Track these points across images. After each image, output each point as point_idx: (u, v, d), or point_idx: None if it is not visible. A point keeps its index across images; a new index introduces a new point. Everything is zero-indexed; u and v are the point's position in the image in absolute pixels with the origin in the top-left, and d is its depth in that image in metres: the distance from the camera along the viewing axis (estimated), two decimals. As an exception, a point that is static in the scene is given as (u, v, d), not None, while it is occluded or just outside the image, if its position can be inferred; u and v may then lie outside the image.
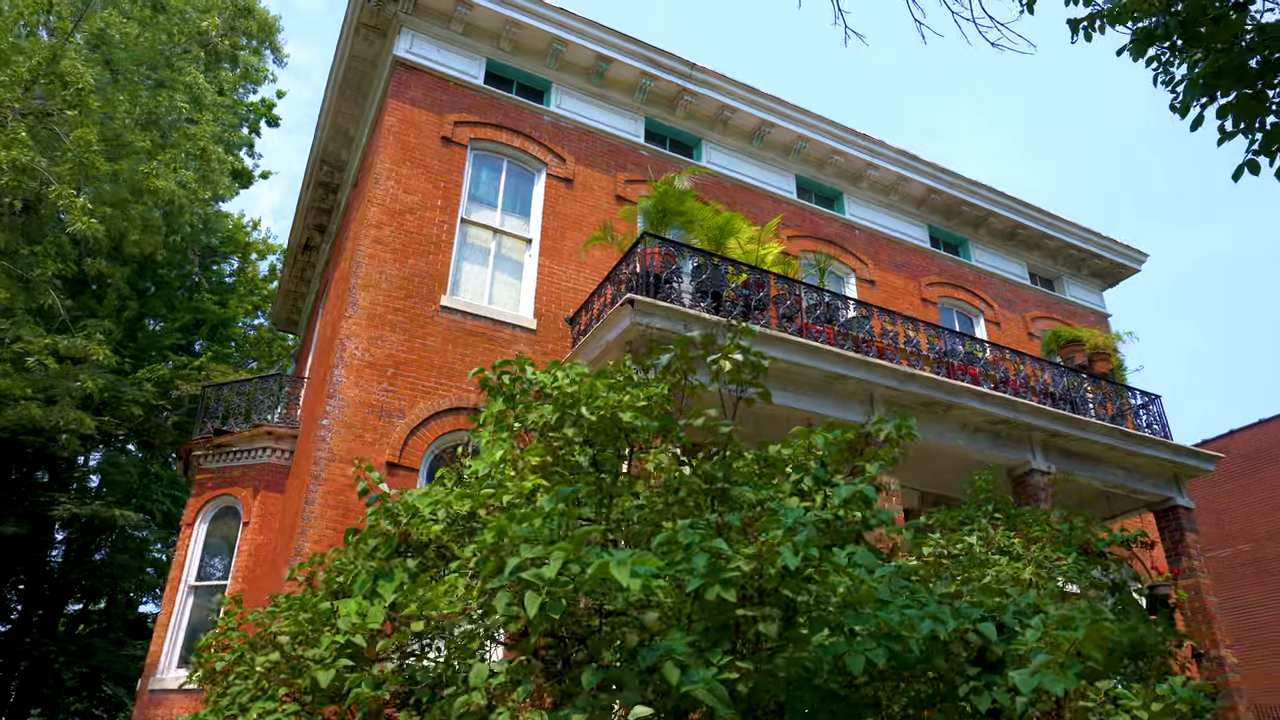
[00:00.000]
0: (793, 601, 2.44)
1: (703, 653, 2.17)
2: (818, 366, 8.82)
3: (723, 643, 2.29)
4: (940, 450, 9.99)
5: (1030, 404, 10.00)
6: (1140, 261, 16.27)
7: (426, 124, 10.63)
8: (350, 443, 8.61)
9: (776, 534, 2.43)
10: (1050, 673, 2.11)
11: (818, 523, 2.84)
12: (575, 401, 3.63)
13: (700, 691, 1.99)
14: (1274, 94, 3.57)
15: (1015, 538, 5.43)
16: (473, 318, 9.78)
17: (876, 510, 3.44)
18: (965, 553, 5.10)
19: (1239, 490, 20.13)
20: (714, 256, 9.18)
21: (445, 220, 10.19)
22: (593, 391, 3.71)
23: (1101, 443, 10.56)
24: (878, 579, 2.50)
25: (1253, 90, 3.48)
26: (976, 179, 14.69)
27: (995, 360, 10.81)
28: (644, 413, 3.74)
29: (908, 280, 13.79)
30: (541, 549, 2.19)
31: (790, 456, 4.09)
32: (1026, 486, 10.15)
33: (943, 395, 9.50)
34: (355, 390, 8.80)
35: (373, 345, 9.10)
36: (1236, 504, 20.27)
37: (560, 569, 2.14)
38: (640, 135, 12.35)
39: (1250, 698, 13.79)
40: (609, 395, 3.67)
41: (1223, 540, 19.97)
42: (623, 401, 3.67)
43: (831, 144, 13.42)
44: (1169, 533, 11.24)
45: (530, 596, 2.15)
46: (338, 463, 8.42)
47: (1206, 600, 10.63)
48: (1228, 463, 19.93)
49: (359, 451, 8.55)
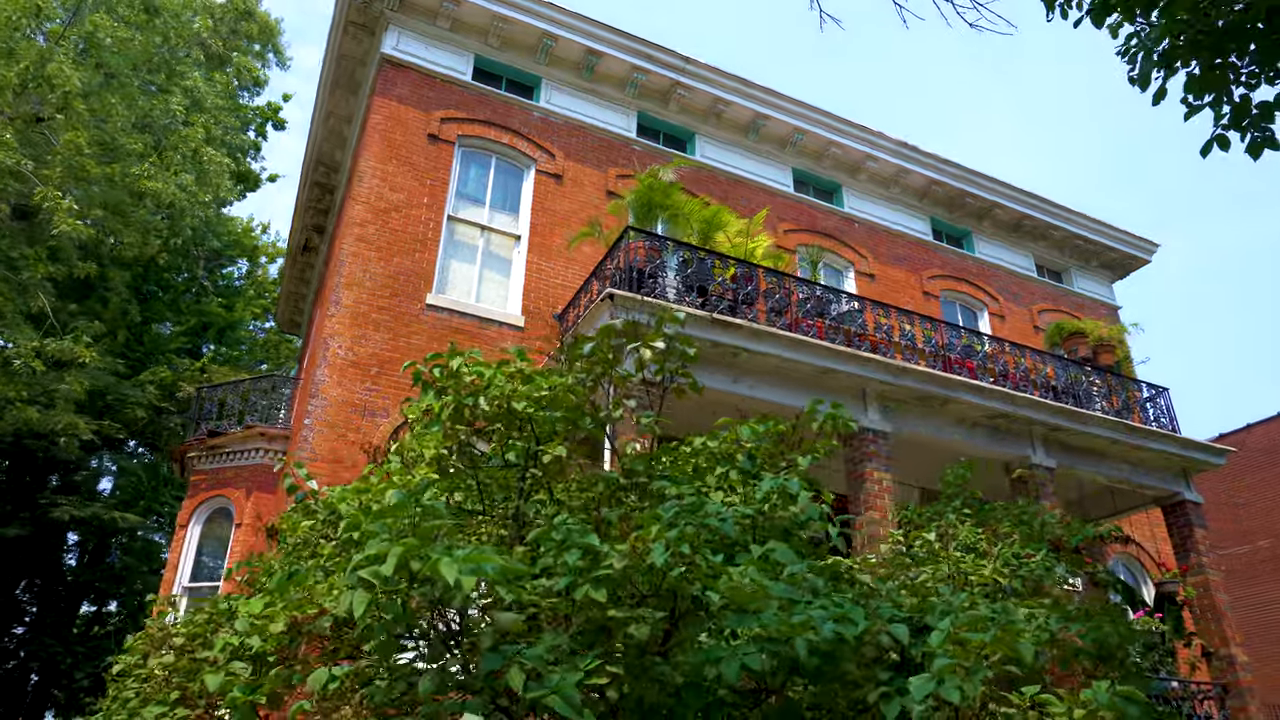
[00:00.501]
0: (680, 603, 2.31)
1: (575, 655, 2.04)
2: (806, 361, 8.63)
3: (597, 646, 2.14)
4: (938, 445, 9.77)
5: (1029, 397, 9.76)
6: (1151, 252, 15.92)
7: (413, 121, 10.55)
8: (333, 442, 8.54)
9: (651, 530, 2.29)
10: (956, 677, 1.95)
11: (740, 518, 2.69)
12: (475, 392, 3.51)
13: (553, 700, 1.85)
14: (1243, 64, 3.37)
15: (984, 533, 5.24)
16: (459, 315, 9.69)
17: (806, 507, 3.26)
18: (926, 550, 4.92)
19: (1258, 485, 19.66)
20: (699, 250, 9.02)
21: (432, 218, 10.11)
22: (492, 382, 3.59)
23: (1105, 437, 10.29)
24: (790, 577, 2.34)
25: (1217, 61, 3.27)
26: (980, 170, 14.42)
27: (994, 354, 10.58)
28: (550, 404, 3.60)
29: (909, 274, 13.56)
30: (385, 545, 2.07)
31: (717, 449, 3.92)
32: (1026, 482, 9.91)
33: (938, 389, 9.28)
34: (338, 390, 8.73)
35: (356, 344, 9.03)
36: (1256, 499, 19.80)
37: (398, 566, 2.01)
38: (632, 130, 12.21)
39: (1264, 697, 13.43)
40: (505, 385, 3.55)
41: (1241, 536, 19.51)
42: (518, 391, 3.54)
43: (828, 136, 13.22)
44: (1177, 529, 10.95)
45: (359, 596, 2.02)
46: (320, 462, 8.35)
47: (1216, 598, 10.32)
48: (1246, 457, 19.48)
49: (341, 451, 8.49)
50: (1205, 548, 10.70)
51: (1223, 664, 10.07)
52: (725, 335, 8.27)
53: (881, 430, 9.00)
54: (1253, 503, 19.89)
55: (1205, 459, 11.09)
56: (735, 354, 8.42)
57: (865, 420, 8.96)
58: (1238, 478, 19.35)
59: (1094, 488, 11.74)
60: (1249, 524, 19.62)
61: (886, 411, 9.21)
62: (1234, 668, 9.96)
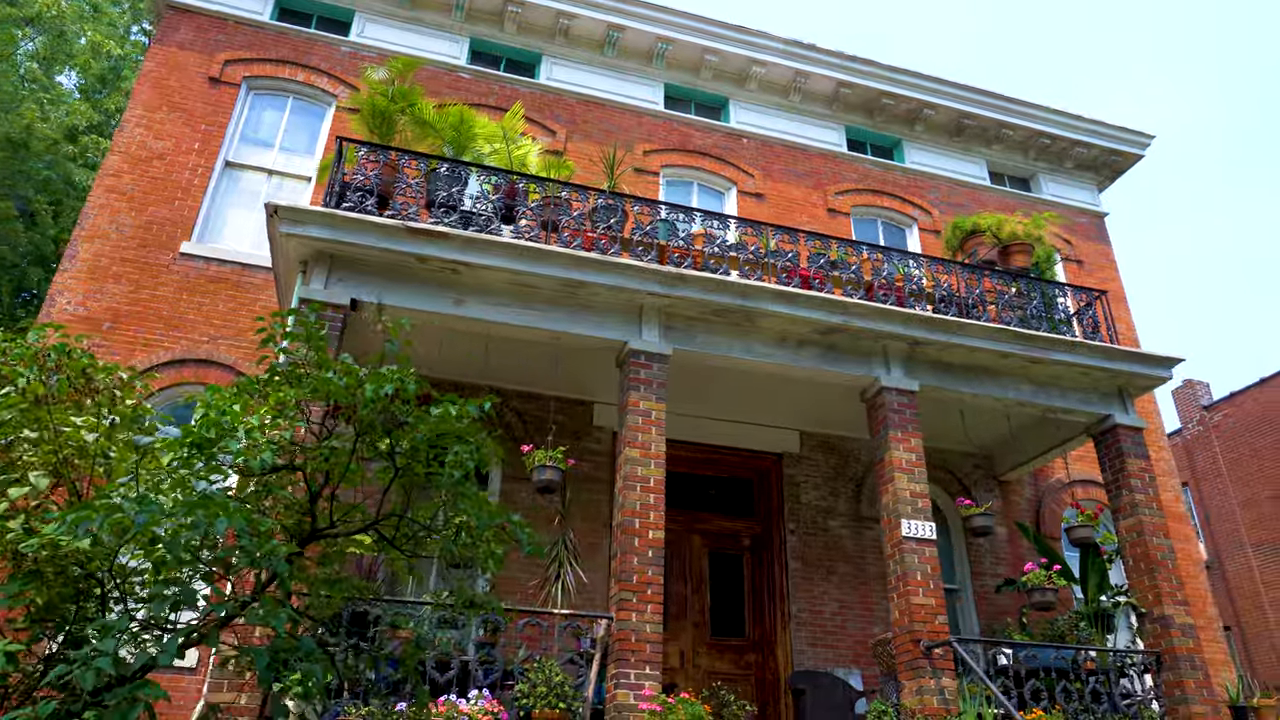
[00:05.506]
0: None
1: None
2: (545, 273, 7.26)
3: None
4: (759, 371, 8.16)
5: (868, 305, 7.96)
6: (1143, 145, 13.30)
7: (193, 65, 9.86)
8: (53, 404, 7.89)
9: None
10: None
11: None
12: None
13: None
14: None
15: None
16: (217, 263, 8.88)
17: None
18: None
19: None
20: (432, 159, 7.81)
21: (202, 164, 9.37)
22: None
23: (989, 349, 8.32)
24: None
25: None
26: (903, 66, 12.40)
27: (849, 259, 8.78)
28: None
29: (810, 190, 11.76)
30: None
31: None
32: (878, 409, 8.12)
33: (733, 299, 7.67)
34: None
35: (89, 299, 8.37)
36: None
37: None
38: (463, 58, 11.09)
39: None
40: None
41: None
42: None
43: (701, 42, 11.63)
44: (1109, 461, 8.77)
45: None
46: (31, 425, 7.71)
47: (1151, 544, 8.14)
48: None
49: (56, 412, 7.82)
50: (1143, 483, 8.50)
51: (1155, 628, 7.91)
52: (432, 247, 7.04)
53: (657, 353, 7.50)
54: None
55: (1144, 372, 8.85)
56: (454, 270, 7.18)
57: (637, 342, 7.49)
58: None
59: (1026, 419, 9.68)
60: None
61: (670, 331, 7.69)
62: (1169, 632, 7.79)
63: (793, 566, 9.23)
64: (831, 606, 9.13)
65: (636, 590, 6.53)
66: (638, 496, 6.88)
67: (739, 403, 9.36)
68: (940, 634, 7.04)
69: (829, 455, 9.95)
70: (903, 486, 7.67)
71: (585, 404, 9.26)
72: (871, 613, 9.22)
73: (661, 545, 6.75)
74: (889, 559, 7.58)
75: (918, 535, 7.45)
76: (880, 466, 7.91)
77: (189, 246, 8.88)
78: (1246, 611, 16.68)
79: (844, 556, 9.42)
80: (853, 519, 9.65)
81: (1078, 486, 10.71)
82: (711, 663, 9.05)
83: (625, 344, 7.46)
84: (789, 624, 8.98)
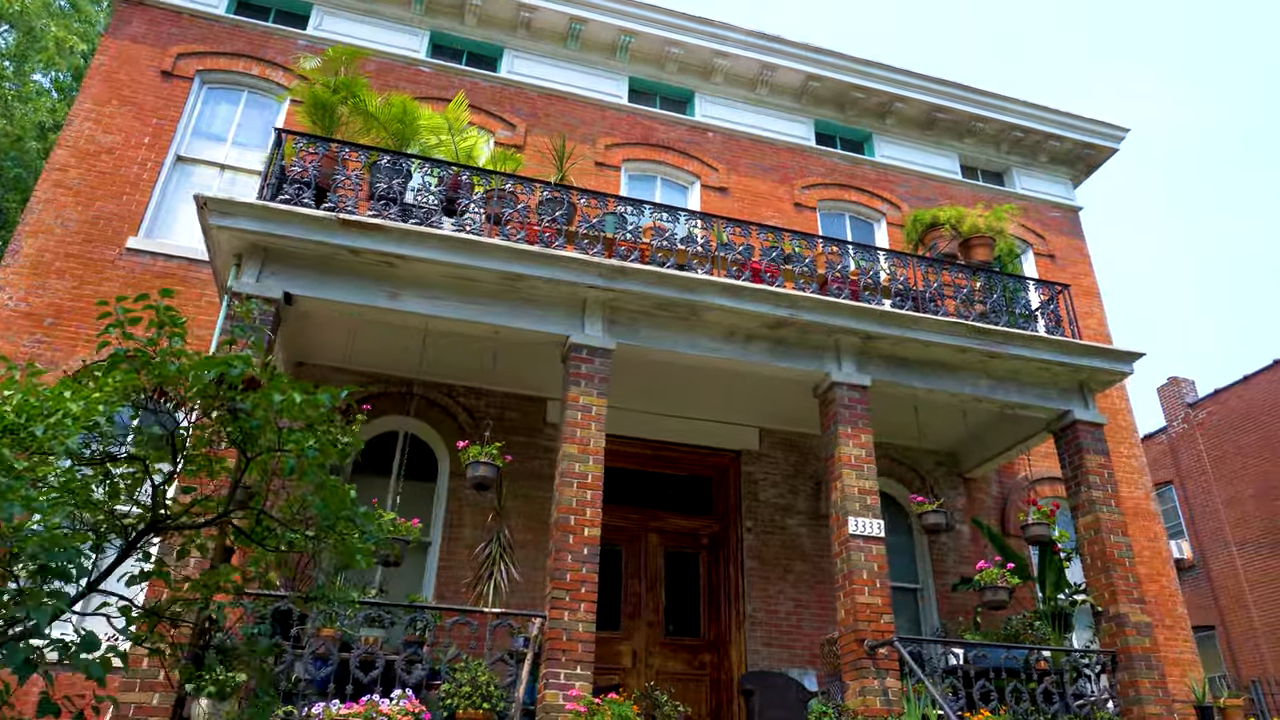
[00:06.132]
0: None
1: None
2: (484, 266, 7.13)
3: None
4: (709, 366, 8.02)
5: (818, 298, 7.82)
6: (1117, 139, 13.12)
7: (145, 59, 9.76)
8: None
9: None
10: None
11: None
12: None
13: None
14: None
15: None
16: (164, 259, 8.78)
17: None
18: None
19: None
20: (376, 151, 7.69)
21: (151, 158, 9.26)
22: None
23: (944, 343, 8.17)
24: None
25: None
26: (874, 59, 12.26)
27: (804, 253, 8.64)
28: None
29: (777, 185, 11.62)
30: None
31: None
32: (829, 404, 7.98)
33: (677, 293, 7.53)
34: (1, 343, 7.99)
35: (31, 294, 8.27)
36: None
37: None
38: (423, 51, 10.97)
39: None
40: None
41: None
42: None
43: (665, 35, 11.49)
44: (1068, 457, 8.62)
45: None
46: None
47: (1108, 542, 7.99)
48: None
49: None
50: (1101, 480, 8.35)
51: (1111, 626, 7.76)
52: (366, 239, 6.92)
53: (600, 347, 7.37)
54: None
55: (1105, 367, 8.71)
56: (390, 264, 7.06)
57: (579, 336, 7.36)
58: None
59: (988, 415, 9.53)
60: None
61: (614, 326, 7.56)
62: (1124, 630, 7.64)
63: (749, 565, 9.09)
64: (787, 606, 8.99)
65: (570, 589, 6.40)
66: (574, 493, 6.75)
67: (698, 399, 9.23)
68: (885, 634, 6.90)
69: (789, 453, 9.81)
70: (851, 483, 7.53)
71: (539, 400, 9.13)
72: (828, 612, 9.06)
73: (597, 543, 6.61)
74: (836, 557, 7.44)
75: (865, 533, 7.31)
76: (830, 463, 7.77)
77: (135, 241, 8.77)
78: (1231, 611, 16.49)
79: (801, 555, 9.28)
80: (812, 517, 9.51)
81: (1045, 484, 10.55)
82: (665, 663, 8.92)
83: (568, 338, 7.33)
84: (744, 624, 8.85)
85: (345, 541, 3.12)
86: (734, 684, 8.72)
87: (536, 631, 6.37)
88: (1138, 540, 10.74)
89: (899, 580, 9.84)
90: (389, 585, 8.11)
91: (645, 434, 9.43)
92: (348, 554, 3.25)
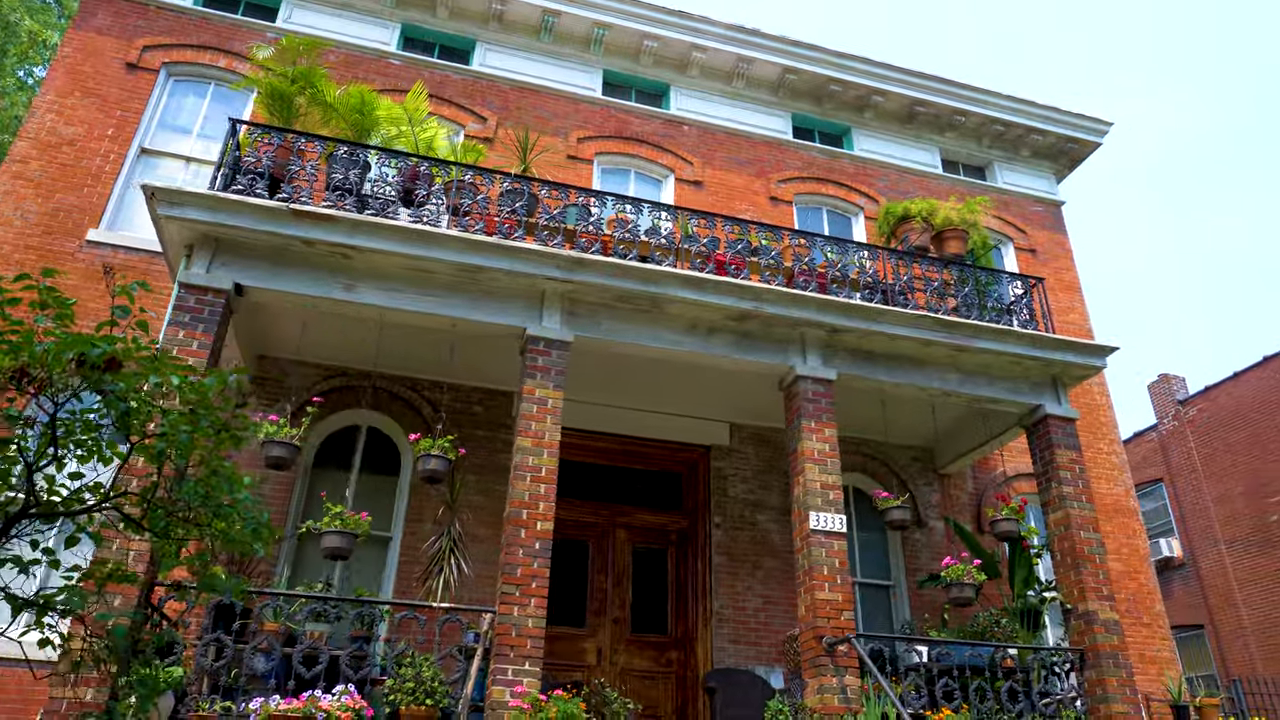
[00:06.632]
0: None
1: None
2: (439, 257, 7.03)
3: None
4: (674, 360, 7.91)
5: (778, 289, 7.71)
6: (1100, 133, 12.99)
7: (109, 51, 9.68)
8: (-55, 393, 7.72)
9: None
10: None
11: None
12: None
13: None
14: None
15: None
16: (125, 251, 8.69)
17: None
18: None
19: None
20: (334, 142, 7.60)
21: (115, 150, 9.18)
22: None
23: (911, 337, 8.05)
24: None
25: None
26: (852, 52, 12.14)
27: (770, 244, 8.53)
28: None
29: (753, 179, 11.50)
30: None
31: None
32: (793, 398, 7.87)
33: (637, 285, 7.42)
34: (-44, 336, 7.90)
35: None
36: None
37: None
38: (393, 43, 10.88)
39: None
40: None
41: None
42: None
43: (640, 28, 11.39)
44: (1039, 452, 8.50)
45: None
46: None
47: (1078, 538, 7.87)
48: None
49: (-53, 402, 7.64)
50: (1072, 475, 8.22)
51: (1080, 624, 7.64)
52: (318, 230, 6.82)
53: (557, 339, 7.27)
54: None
55: (1078, 361, 8.58)
56: (345, 255, 6.96)
57: (536, 329, 7.26)
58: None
59: (961, 410, 9.41)
60: None
61: (574, 318, 7.45)
62: (1093, 628, 7.51)
63: (717, 561, 8.98)
64: (755, 603, 8.88)
65: (520, 584, 6.30)
66: (527, 487, 6.64)
67: (669, 394, 9.12)
68: (845, 630, 6.79)
69: (761, 448, 9.70)
70: (814, 478, 7.41)
71: (505, 394, 9.03)
72: (797, 609, 8.95)
73: (550, 538, 6.50)
74: (798, 553, 7.33)
75: (826, 528, 7.20)
76: (793, 457, 7.66)
77: (96, 234, 8.69)
78: (1220, 609, 16.33)
79: (771, 551, 9.17)
80: (782, 513, 9.39)
81: (1022, 480, 10.42)
82: (630, 660, 8.81)
83: (525, 330, 7.23)
84: (711, 620, 8.73)
85: (231, 530, 3.02)
86: (700, 681, 8.61)
87: (487, 627, 6.28)
88: (1116, 537, 10.62)
89: (873, 577, 9.74)
90: (354, 579, 8.02)
91: (616, 429, 9.34)
92: (239, 544, 3.14)
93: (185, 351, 6.37)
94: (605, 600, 8.96)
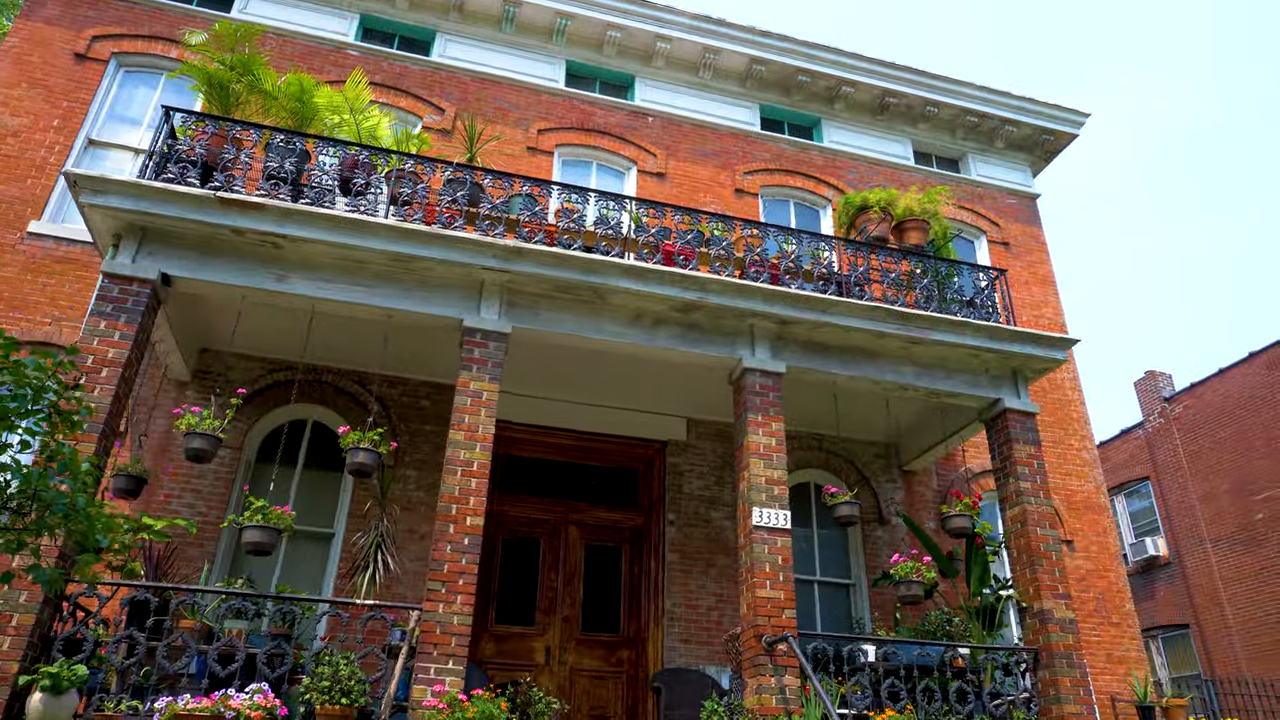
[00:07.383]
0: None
1: None
2: (370, 246, 6.87)
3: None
4: (618, 352, 7.73)
5: (724, 280, 7.52)
6: (1077, 125, 12.77)
7: (58, 41, 9.55)
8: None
9: None
10: None
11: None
12: None
13: None
14: None
15: None
16: (67, 243, 8.56)
17: None
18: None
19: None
20: (270, 130, 7.45)
21: (60, 142, 9.05)
22: None
23: (864, 329, 7.86)
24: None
25: None
26: (821, 42, 11.95)
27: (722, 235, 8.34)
28: None
29: (718, 171, 11.32)
30: None
31: None
32: (741, 392, 7.69)
33: (578, 275, 7.25)
34: (-110, 329, 7.77)
35: (-76, 280, 8.07)
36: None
37: None
38: (351, 34, 10.73)
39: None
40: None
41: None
42: None
43: (603, 17, 11.22)
44: (997, 447, 8.31)
45: None
46: None
47: (1034, 535, 7.67)
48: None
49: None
50: (1030, 470, 8.03)
51: (1034, 623, 7.44)
52: (247, 219, 6.67)
53: (494, 331, 7.10)
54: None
55: (1038, 354, 8.36)
56: (276, 245, 6.81)
57: (473, 319, 7.09)
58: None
59: (921, 404, 9.22)
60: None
61: (513, 309, 7.29)
62: (1047, 627, 7.32)
63: (670, 559, 8.80)
64: (709, 601, 8.70)
65: (447, 580, 6.13)
66: (458, 481, 6.48)
67: (625, 389, 8.96)
68: (785, 629, 6.61)
69: (718, 443, 9.52)
70: (759, 473, 7.23)
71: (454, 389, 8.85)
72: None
73: (479, 533, 6.34)
74: (741, 549, 7.15)
75: (770, 524, 7.02)
76: (739, 452, 7.47)
77: (38, 226, 8.56)
78: (1205, 609, 16.07)
79: (725, 549, 8.99)
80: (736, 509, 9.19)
81: (987, 477, 10.23)
82: (580, 659, 8.64)
83: (461, 321, 7.07)
84: (662, 619, 8.56)
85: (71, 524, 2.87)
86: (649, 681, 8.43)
87: (413, 625, 6.12)
88: (1086, 535, 10.42)
89: (833, 575, 9.55)
90: (293, 575, 7.87)
91: (573, 425, 9.18)
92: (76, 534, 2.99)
93: (106, 342, 6.24)
94: (556, 599, 8.79)
